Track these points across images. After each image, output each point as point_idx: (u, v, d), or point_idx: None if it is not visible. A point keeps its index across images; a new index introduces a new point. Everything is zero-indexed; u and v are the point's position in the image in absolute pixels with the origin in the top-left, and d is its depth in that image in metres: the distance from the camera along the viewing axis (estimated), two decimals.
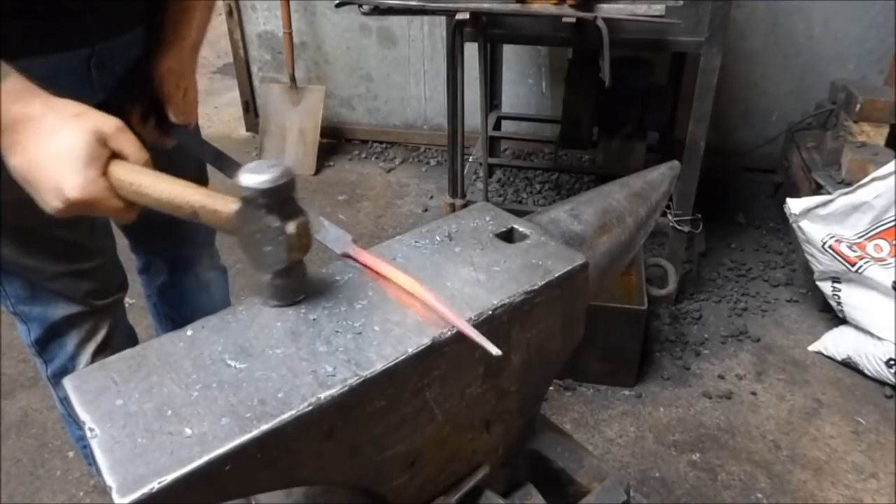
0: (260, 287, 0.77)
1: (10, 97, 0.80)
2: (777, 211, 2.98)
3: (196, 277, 1.62)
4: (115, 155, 0.83)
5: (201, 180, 1.50)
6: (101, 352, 1.35)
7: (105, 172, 0.82)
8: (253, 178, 0.71)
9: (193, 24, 1.23)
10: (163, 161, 1.31)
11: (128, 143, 0.84)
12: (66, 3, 1.06)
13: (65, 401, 1.44)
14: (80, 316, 1.32)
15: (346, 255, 0.86)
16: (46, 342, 1.34)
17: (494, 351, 0.72)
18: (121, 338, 1.41)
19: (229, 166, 1.09)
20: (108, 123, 0.82)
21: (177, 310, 1.66)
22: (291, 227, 0.72)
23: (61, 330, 1.32)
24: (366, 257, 0.84)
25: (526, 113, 3.49)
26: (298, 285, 0.78)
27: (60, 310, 1.29)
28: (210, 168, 1.25)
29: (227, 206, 0.77)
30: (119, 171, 0.82)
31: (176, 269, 1.60)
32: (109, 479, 0.58)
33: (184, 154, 1.38)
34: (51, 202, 0.82)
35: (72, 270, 1.26)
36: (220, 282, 1.70)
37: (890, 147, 2.39)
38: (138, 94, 1.19)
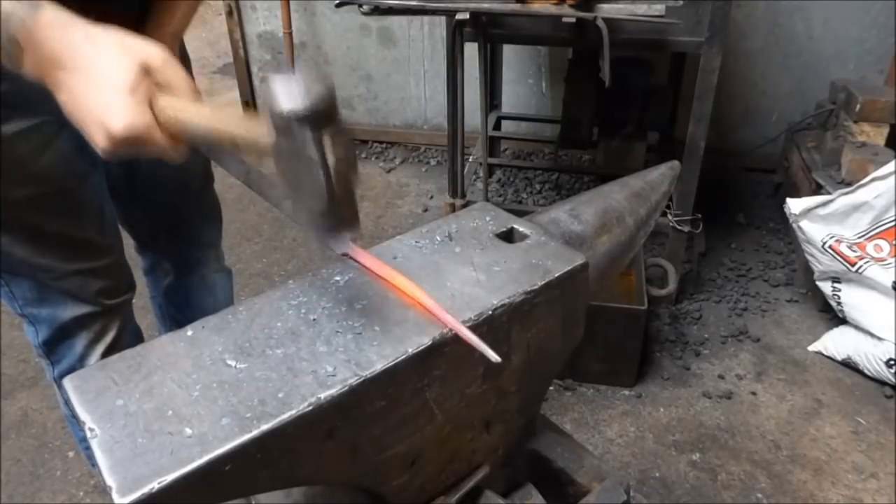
0: (310, 227, 0.70)
1: (48, 31, 0.74)
2: (777, 211, 2.98)
3: (202, 279, 1.62)
4: (162, 88, 0.78)
5: (206, 174, 1.51)
6: (110, 353, 1.35)
7: (151, 105, 0.76)
8: (285, 97, 0.61)
9: (177, 13, 1.21)
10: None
11: (174, 73, 0.78)
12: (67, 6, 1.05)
13: (70, 402, 1.44)
14: (90, 316, 1.31)
15: (345, 255, 0.84)
16: (55, 343, 1.34)
17: (494, 358, 0.69)
18: (129, 339, 1.41)
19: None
20: (153, 53, 0.77)
21: (182, 311, 1.66)
22: (331, 157, 0.64)
23: (71, 331, 1.32)
24: (364, 258, 0.82)
25: (526, 113, 3.49)
26: (346, 221, 0.70)
27: (70, 310, 1.29)
28: None
29: (266, 136, 0.69)
30: (163, 101, 0.76)
31: (182, 270, 1.60)
32: (109, 479, 0.58)
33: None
34: (98, 140, 0.76)
35: (83, 269, 1.26)
36: (226, 283, 1.70)
37: (890, 147, 2.39)
38: None
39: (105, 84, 0.75)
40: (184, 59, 1.30)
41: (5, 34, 0.73)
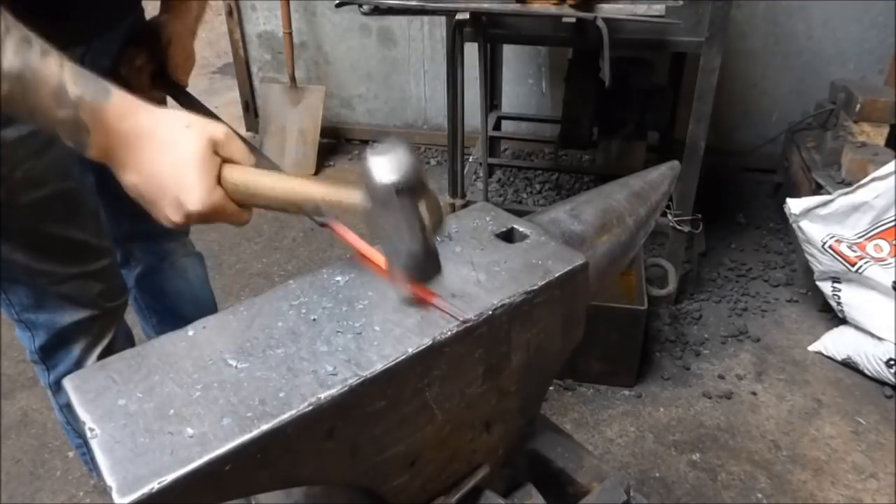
0: (395, 271, 0.76)
1: (118, 115, 0.78)
2: (777, 211, 2.98)
3: (172, 266, 1.63)
4: (225, 160, 0.82)
5: None
6: (106, 356, 1.35)
7: (220, 180, 0.80)
8: (385, 169, 0.70)
9: (192, 10, 1.30)
10: None
11: (238, 147, 0.83)
12: (66, 2, 1.06)
13: (65, 408, 1.44)
14: (88, 321, 1.32)
15: (324, 225, 0.85)
16: (52, 349, 1.34)
17: (461, 316, 0.74)
18: (122, 340, 1.41)
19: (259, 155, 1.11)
20: (219, 130, 0.81)
21: (157, 300, 1.67)
22: (424, 212, 0.71)
23: (69, 336, 1.32)
24: (341, 227, 0.84)
25: (526, 113, 3.49)
26: (434, 266, 0.77)
27: (69, 315, 1.29)
28: None
29: (351, 196, 0.76)
30: (231, 174, 0.81)
31: (153, 259, 1.61)
32: (109, 479, 0.58)
33: None
34: (172, 216, 0.80)
35: (83, 272, 1.26)
36: (197, 267, 1.71)
37: (890, 147, 2.39)
38: (141, 58, 1.25)
39: (177, 163, 0.78)
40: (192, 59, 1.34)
41: (73, 119, 0.76)
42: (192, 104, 1.22)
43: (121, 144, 0.78)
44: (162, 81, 1.26)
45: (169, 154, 0.78)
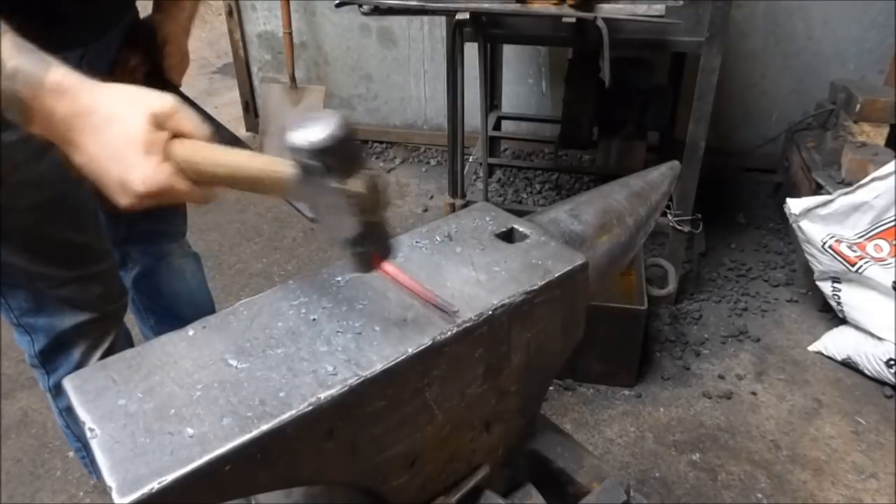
0: (341, 256, 0.71)
1: (57, 91, 0.73)
2: (777, 211, 2.98)
3: (169, 266, 1.63)
4: (176, 135, 0.76)
5: None
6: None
7: (168, 154, 0.75)
8: (300, 135, 0.62)
9: (186, 7, 1.30)
10: None
11: (186, 119, 0.77)
12: (62, 5, 1.06)
13: (65, 412, 1.44)
14: (88, 324, 1.31)
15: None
16: (52, 353, 1.33)
17: (451, 309, 0.72)
18: (122, 343, 1.41)
19: (220, 131, 1.08)
20: (164, 104, 0.76)
21: (155, 301, 1.66)
22: (358, 185, 0.64)
23: (69, 340, 1.31)
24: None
25: (526, 113, 3.49)
26: (381, 250, 0.72)
27: (68, 319, 1.28)
28: None
29: (289, 171, 0.69)
30: (179, 149, 0.75)
31: (150, 260, 1.61)
32: (109, 479, 0.58)
33: None
34: (121, 199, 0.76)
35: (82, 275, 1.26)
36: (194, 267, 1.70)
37: (890, 147, 2.39)
38: (135, 59, 1.25)
39: (119, 143, 0.74)
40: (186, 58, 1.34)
41: (12, 93, 0.72)
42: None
43: (62, 123, 0.74)
44: (156, 82, 1.26)
45: (110, 132, 0.74)
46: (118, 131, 0.74)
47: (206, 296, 1.73)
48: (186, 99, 1.21)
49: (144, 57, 1.26)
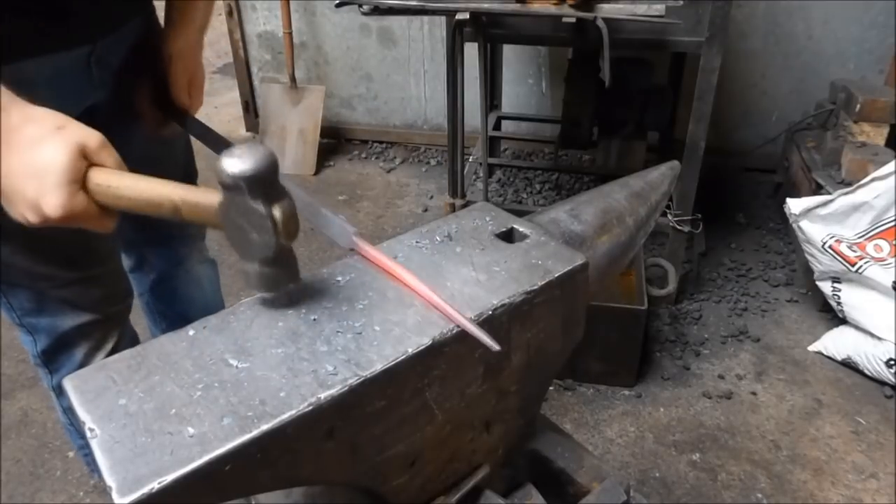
0: (248, 278, 0.76)
1: None
2: (777, 211, 2.98)
3: (187, 272, 1.62)
4: (95, 166, 0.80)
5: (189, 170, 1.50)
6: None
7: (84, 186, 0.78)
8: (233, 163, 0.69)
9: (199, 7, 1.23)
10: (149, 164, 1.32)
11: (109, 158, 0.80)
12: (69, 2, 1.06)
13: (68, 410, 1.44)
14: (90, 325, 1.30)
15: (350, 249, 0.85)
16: (54, 353, 1.33)
17: (495, 347, 0.72)
18: (127, 345, 1.41)
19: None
20: (91, 137, 0.79)
21: (170, 305, 1.66)
22: (277, 212, 0.70)
23: (71, 340, 1.31)
24: (370, 251, 0.83)
25: (526, 113, 3.49)
26: (288, 274, 0.76)
27: (70, 320, 1.28)
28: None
29: (208, 198, 0.75)
30: (97, 176, 0.79)
31: (167, 265, 1.60)
32: (109, 479, 0.58)
33: (171, 156, 1.39)
34: (26, 216, 0.79)
35: (84, 276, 1.25)
36: (212, 275, 1.70)
37: (890, 147, 2.39)
38: (143, 77, 1.19)
39: (41, 165, 0.76)
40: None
41: None
42: (201, 133, 1.17)
43: None
44: (165, 105, 1.20)
45: (33, 155, 0.76)
46: (43, 154, 0.76)
47: (220, 303, 1.73)
48: (203, 127, 1.17)
49: (151, 78, 1.20)
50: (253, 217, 0.71)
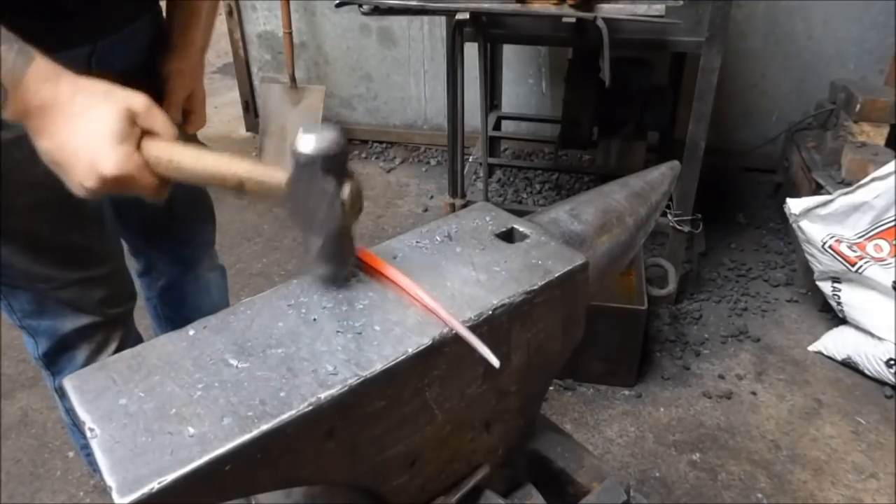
0: (309, 254, 0.77)
1: (38, 81, 0.79)
2: (777, 211, 2.98)
3: (197, 278, 1.62)
4: (146, 133, 0.82)
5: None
6: None
7: (139, 149, 0.81)
8: (310, 140, 0.71)
9: (200, 26, 1.24)
10: None
11: (158, 119, 0.82)
12: (69, 2, 1.06)
13: (71, 411, 1.44)
14: (91, 327, 1.30)
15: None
16: (55, 355, 1.32)
17: (494, 362, 0.73)
18: (131, 346, 1.40)
19: None
20: (138, 101, 0.81)
21: (178, 311, 1.66)
22: (346, 191, 0.73)
23: (72, 343, 1.30)
24: (369, 256, 0.83)
25: (526, 113, 3.49)
26: (349, 254, 0.79)
27: (70, 322, 1.28)
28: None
29: (274, 175, 0.77)
30: (153, 148, 0.81)
31: (177, 270, 1.60)
32: (109, 479, 0.58)
33: None
34: (85, 182, 0.80)
35: (84, 277, 1.25)
36: (220, 282, 1.70)
37: (890, 147, 2.39)
38: (141, 82, 1.19)
39: (94, 130, 0.79)
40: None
41: None
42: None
43: (37, 110, 0.79)
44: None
45: (85, 122, 0.79)
46: (94, 120, 0.79)
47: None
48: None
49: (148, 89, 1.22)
50: (322, 195, 0.72)
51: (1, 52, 0.77)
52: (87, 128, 0.79)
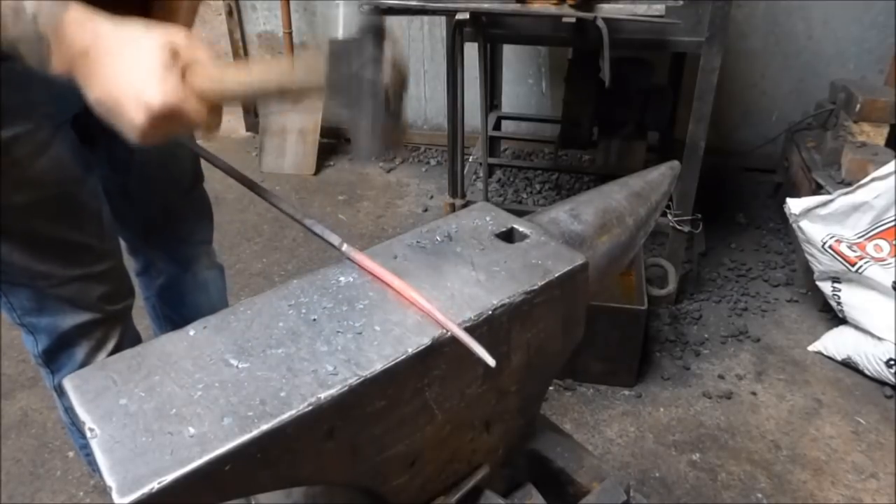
0: (359, 139, 0.78)
1: (76, 26, 0.78)
2: (777, 211, 2.98)
3: (195, 277, 1.62)
4: (188, 66, 0.82)
5: (196, 173, 1.50)
6: None
7: (184, 80, 0.81)
8: (347, 13, 0.74)
9: (179, 24, 1.23)
10: (155, 167, 1.30)
11: (199, 52, 0.83)
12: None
13: (70, 410, 1.43)
14: (91, 324, 1.30)
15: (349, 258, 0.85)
16: (55, 353, 1.32)
17: (490, 361, 0.72)
18: (130, 345, 1.40)
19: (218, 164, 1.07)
20: (177, 35, 0.82)
21: (176, 310, 1.66)
22: (388, 51, 0.75)
23: (71, 339, 1.30)
24: (361, 259, 0.83)
25: (526, 113, 3.49)
26: (400, 128, 0.80)
27: (70, 319, 1.28)
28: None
29: (311, 64, 0.78)
30: (198, 78, 0.82)
31: (175, 269, 1.60)
32: (109, 479, 0.58)
33: (177, 159, 1.39)
34: (136, 118, 0.79)
35: (84, 274, 1.25)
36: (218, 280, 1.70)
37: (890, 147, 2.39)
38: None
39: (138, 65, 0.79)
40: None
41: (34, 33, 0.77)
42: (191, 146, 1.17)
43: (81, 56, 0.78)
44: None
45: (129, 58, 0.79)
46: (137, 56, 0.79)
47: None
48: (206, 154, 1.17)
49: None
50: (365, 64, 0.73)
51: (35, 6, 0.76)
52: (132, 64, 0.79)
